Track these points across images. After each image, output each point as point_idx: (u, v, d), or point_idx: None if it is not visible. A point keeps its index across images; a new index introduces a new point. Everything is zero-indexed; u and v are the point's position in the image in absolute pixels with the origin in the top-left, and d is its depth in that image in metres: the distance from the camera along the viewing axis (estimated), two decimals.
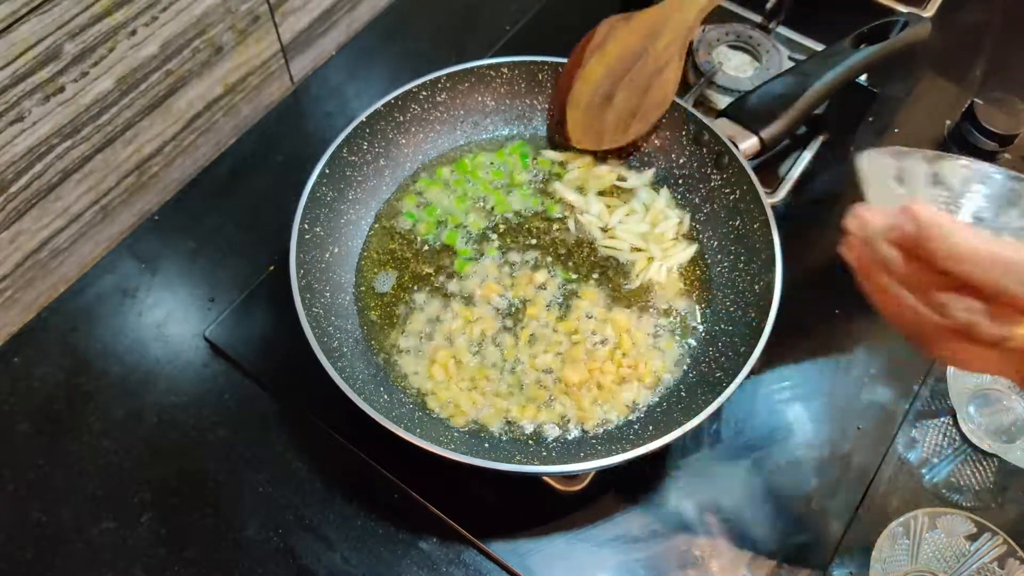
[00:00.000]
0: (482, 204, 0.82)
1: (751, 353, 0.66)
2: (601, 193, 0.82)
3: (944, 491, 0.72)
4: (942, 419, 0.75)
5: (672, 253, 0.79)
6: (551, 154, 0.85)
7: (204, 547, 0.69)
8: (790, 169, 0.89)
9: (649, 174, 0.83)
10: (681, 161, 0.82)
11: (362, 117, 0.78)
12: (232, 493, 0.71)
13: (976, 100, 0.89)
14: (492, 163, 0.85)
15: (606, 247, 0.79)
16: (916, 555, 0.67)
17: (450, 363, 0.73)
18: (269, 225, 0.85)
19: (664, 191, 0.82)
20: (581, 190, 0.82)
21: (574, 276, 0.78)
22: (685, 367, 0.73)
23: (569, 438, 0.70)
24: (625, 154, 0.83)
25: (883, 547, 0.65)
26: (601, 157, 0.83)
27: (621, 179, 0.83)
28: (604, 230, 0.80)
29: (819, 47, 0.96)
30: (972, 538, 0.66)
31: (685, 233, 0.81)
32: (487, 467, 0.62)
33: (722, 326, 0.74)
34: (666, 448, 0.64)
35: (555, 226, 0.81)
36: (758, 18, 1.00)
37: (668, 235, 0.80)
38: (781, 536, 0.69)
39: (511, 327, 0.75)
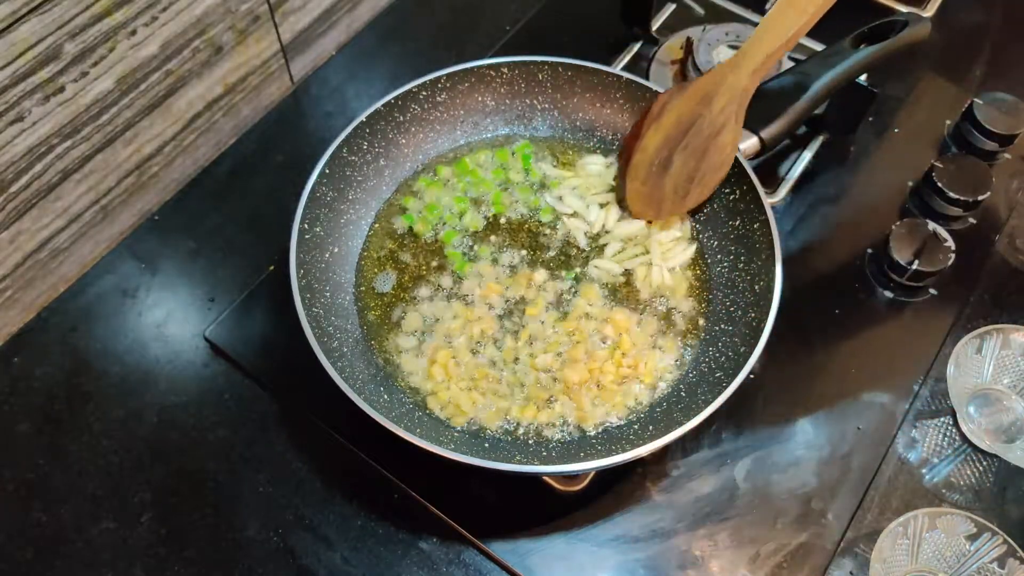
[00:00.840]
0: (482, 204, 0.82)
1: (751, 353, 0.66)
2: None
3: (944, 491, 0.72)
4: (942, 419, 0.75)
5: (672, 254, 0.79)
6: (548, 168, 0.84)
7: (204, 547, 0.69)
8: (790, 169, 0.89)
9: None
10: None
11: (362, 117, 0.78)
12: (232, 493, 0.71)
13: (976, 100, 0.89)
14: (493, 163, 0.85)
15: (597, 268, 0.79)
16: (916, 555, 0.67)
17: (450, 363, 0.73)
18: (269, 225, 0.85)
19: None
20: (576, 203, 0.82)
21: (574, 276, 0.78)
22: (685, 367, 0.73)
23: (569, 438, 0.70)
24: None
25: (883, 547, 0.65)
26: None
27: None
28: (594, 237, 0.80)
29: (819, 47, 0.96)
30: (972, 538, 0.66)
31: (685, 233, 0.80)
32: (487, 467, 0.62)
33: (722, 326, 0.74)
34: (666, 448, 0.64)
35: (555, 226, 0.81)
36: (758, 18, 1.00)
37: (666, 238, 0.80)
38: (781, 536, 0.69)
39: (511, 327, 0.75)
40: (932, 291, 0.82)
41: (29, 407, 0.75)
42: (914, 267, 0.79)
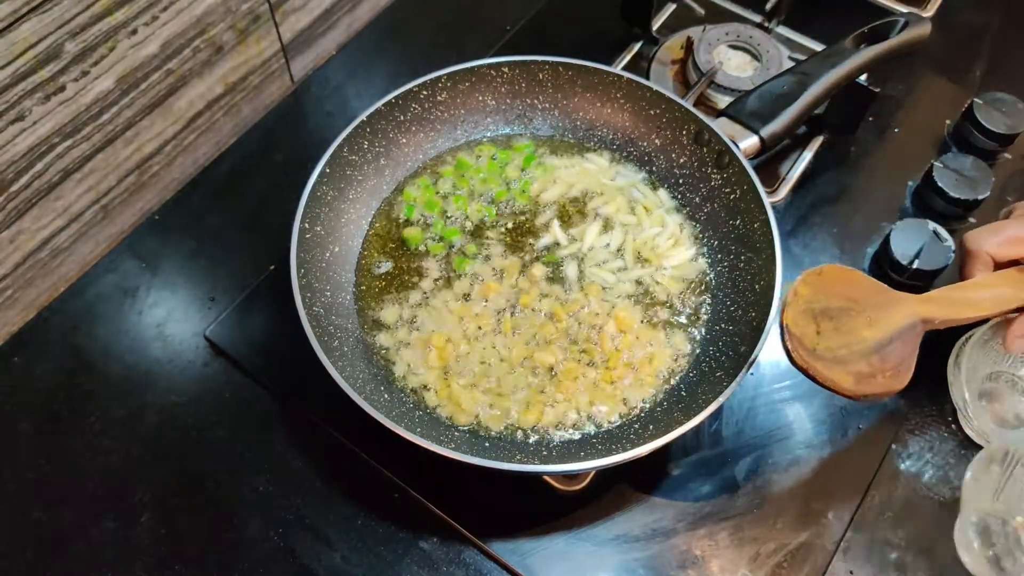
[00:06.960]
0: (482, 203, 0.82)
1: (751, 353, 0.66)
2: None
3: (944, 491, 0.72)
4: (942, 419, 0.75)
5: (670, 255, 0.79)
6: (553, 160, 0.85)
7: (204, 547, 0.69)
8: (790, 169, 0.89)
9: (640, 176, 0.83)
10: (681, 161, 0.82)
11: (363, 116, 0.78)
12: (232, 493, 0.71)
13: (976, 100, 0.89)
14: (493, 162, 0.85)
15: (594, 274, 0.79)
16: (1000, 492, 0.65)
17: (450, 361, 0.73)
18: (269, 225, 0.85)
19: (663, 191, 0.82)
20: (576, 201, 0.82)
21: (574, 274, 0.78)
22: (685, 367, 0.73)
23: (569, 438, 0.70)
24: None
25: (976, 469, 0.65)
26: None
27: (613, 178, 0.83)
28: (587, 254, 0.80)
29: (819, 47, 0.96)
30: None
31: (683, 234, 0.81)
32: (487, 466, 0.62)
33: (722, 326, 0.74)
34: (666, 448, 0.64)
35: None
36: (758, 18, 1.00)
37: (663, 243, 0.80)
38: (781, 536, 0.69)
39: (510, 325, 0.75)
40: None
41: (29, 407, 0.75)
42: (914, 267, 0.79)
